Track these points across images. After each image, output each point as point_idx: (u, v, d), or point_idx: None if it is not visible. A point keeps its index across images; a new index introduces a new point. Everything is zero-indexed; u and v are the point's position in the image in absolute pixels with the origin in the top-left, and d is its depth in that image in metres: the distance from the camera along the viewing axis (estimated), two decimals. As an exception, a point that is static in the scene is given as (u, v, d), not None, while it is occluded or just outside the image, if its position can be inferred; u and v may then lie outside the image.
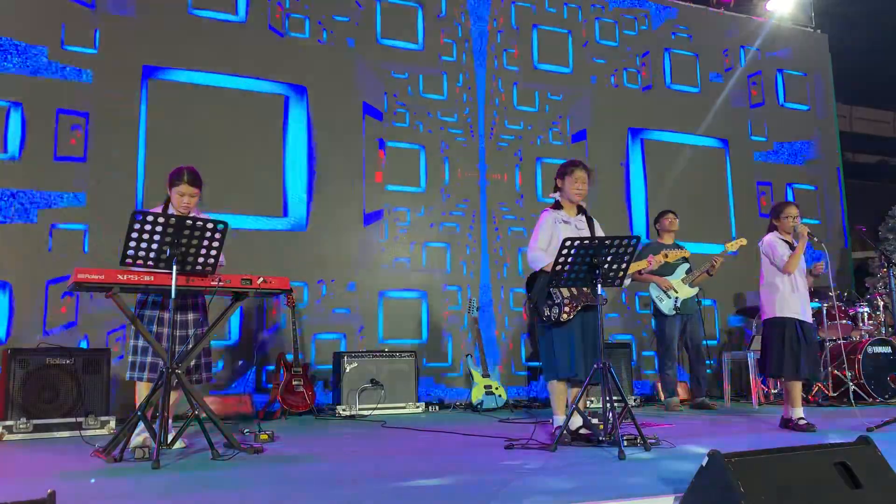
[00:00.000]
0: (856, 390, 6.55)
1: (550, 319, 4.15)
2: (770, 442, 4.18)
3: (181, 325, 4.04)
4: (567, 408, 4.13)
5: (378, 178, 7.18)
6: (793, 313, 4.87)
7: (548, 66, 8.10)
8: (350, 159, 7.10)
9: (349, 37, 7.27)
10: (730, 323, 8.38)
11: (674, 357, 6.57)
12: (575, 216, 4.38)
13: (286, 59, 6.99)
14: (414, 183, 7.36)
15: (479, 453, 3.84)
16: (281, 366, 6.11)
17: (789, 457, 2.32)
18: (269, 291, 4.19)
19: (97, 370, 5.07)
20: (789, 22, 9.51)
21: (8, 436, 4.68)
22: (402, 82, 7.43)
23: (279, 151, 6.88)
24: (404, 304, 7.11)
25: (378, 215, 7.13)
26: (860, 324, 7.08)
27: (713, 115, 8.80)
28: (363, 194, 7.10)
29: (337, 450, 4.22)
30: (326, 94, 7.09)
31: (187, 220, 3.66)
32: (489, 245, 7.52)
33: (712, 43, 8.98)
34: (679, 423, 5.27)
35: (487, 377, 6.66)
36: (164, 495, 2.85)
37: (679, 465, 3.20)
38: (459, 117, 7.62)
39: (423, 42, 7.60)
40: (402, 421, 5.66)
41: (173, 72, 6.57)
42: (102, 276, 3.69)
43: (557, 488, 2.80)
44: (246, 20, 6.90)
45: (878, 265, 9.36)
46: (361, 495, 2.78)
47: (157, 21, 6.53)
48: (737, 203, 8.78)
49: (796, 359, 4.78)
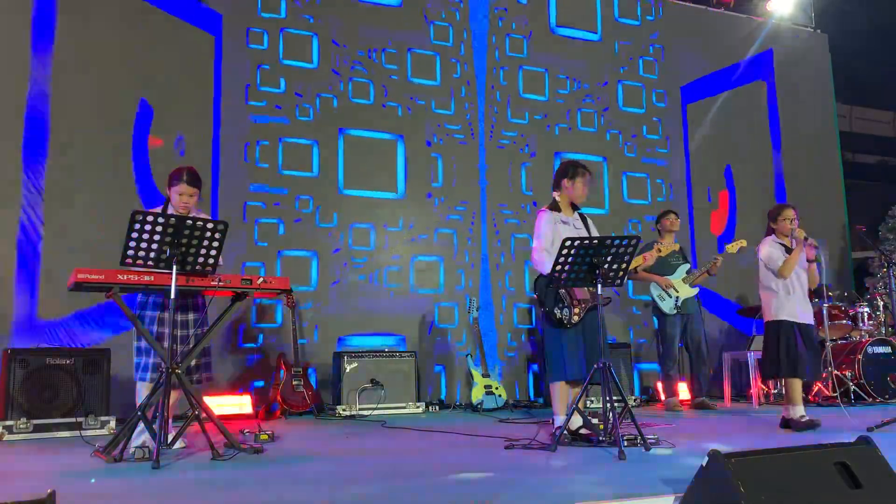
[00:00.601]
0: (856, 390, 6.56)
1: (562, 322, 4.16)
2: (770, 442, 4.18)
3: (181, 325, 4.04)
4: (568, 408, 4.14)
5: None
6: (789, 316, 4.88)
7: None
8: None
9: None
10: (731, 323, 8.38)
11: (674, 357, 6.57)
12: (571, 215, 4.41)
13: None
14: (417, 183, 7.35)
15: (479, 453, 3.84)
16: (281, 366, 6.12)
17: (789, 457, 2.32)
18: (268, 291, 4.19)
19: (97, 370, 5.06)
20: (789, 22, 9.51)
21: (8, 436, 4.68)
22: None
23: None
24: (404, 304, 7.11)
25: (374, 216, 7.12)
26: (860, 324, 7.08)
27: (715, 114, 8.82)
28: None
29: (337, 450, 4.22)
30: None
31: (187, 220, 3.66)
32: (489, 245, 7.52)
33: (713, 43, 8.98)
34: (679, 423, 5.27)
35: (487, 377, 6.66)
36: (165, 495, 2.85)
37: (679, 465, 3.20)
38: (461, 120, 7.61)
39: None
40: (402, 421, 5.66)
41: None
42: (102, 276, 3.69)
43: (557, 488, 2.80)
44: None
45: (878, 265, 9.36)
46: (362, 495, 2.78)
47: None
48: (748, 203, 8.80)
49: (793, 360, 4.79)
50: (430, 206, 7.34)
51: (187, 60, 6.68)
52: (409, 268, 7.16)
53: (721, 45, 9.04)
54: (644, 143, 8.42)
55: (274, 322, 6.62)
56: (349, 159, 7.09)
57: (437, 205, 7.37)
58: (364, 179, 7.12)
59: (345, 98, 7.16)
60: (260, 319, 6.59)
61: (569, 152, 7.77)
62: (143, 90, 6.43)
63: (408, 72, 7.46)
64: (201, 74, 6.72)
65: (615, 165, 8.20)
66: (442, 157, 7.47)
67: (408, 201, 7.27)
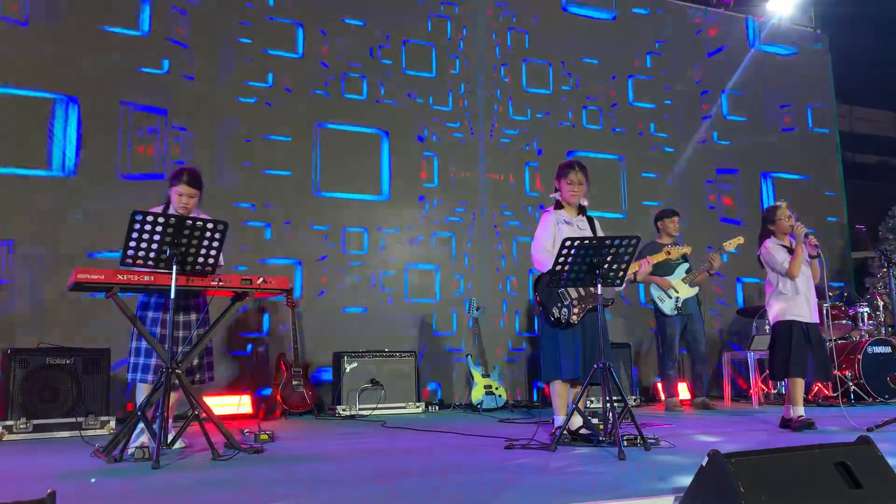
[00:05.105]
0: (856, 390, 6.56)
1: (560, 322, 4.15)
2: (770, 442, 4.18)
3: (182, 325, 4.04)
4: (568, 408, 4.14)
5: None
6: (797, 316, 4.87)
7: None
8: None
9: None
10: (731, 323, 8.38)
11: (675, 357, 6.57)
12: (576, 217, 4.39)
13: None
14: (422, 181, 7.34)
15: (479, 453, 3.84)
16: (281, 366, 6.11)
17: (789, 457, 2.32)
18: (268, 291, 4.20)
19: (97, 370, 5.06)
20: (789, 22, 9.51)
21: (8, 436, 4.68)
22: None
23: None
24: (402, 306, 7.10)
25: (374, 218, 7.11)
26: (860, 324, 7.08)
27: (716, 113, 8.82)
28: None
29: (337, 450, 4.22)
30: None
31: (187, 220, 3.66)
32: (489, 246, 7.51)
33: (714, 42, 8.98)
34: (679, 423, 5.27)
35: (487, 377, 6.66)
36: (164, 495, 2.85)
37: (679, 465, 3.20)
38: (460, 119, 7.61)
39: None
40: (402, 421, 5.66)
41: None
42: (102, 277, 3.69)
43: (557, 488, 2.80)
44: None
45: (878, 265, 9.36)
46: (362, 495, 2.78)
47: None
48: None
49: (803, 360, 4.79)
50: (420, 209, 7.31)
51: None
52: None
53: (720, 45, 9.03)
54: (652, 139, 8.45)
55: (273, 322, 6.62)
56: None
57: (434, 206, 7.38)
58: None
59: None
60: (260, 319, 6.58)
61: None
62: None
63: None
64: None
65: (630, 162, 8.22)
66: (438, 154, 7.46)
67: (396, 202, 7.24)
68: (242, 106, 6.76)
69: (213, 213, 4.05)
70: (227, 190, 6.53)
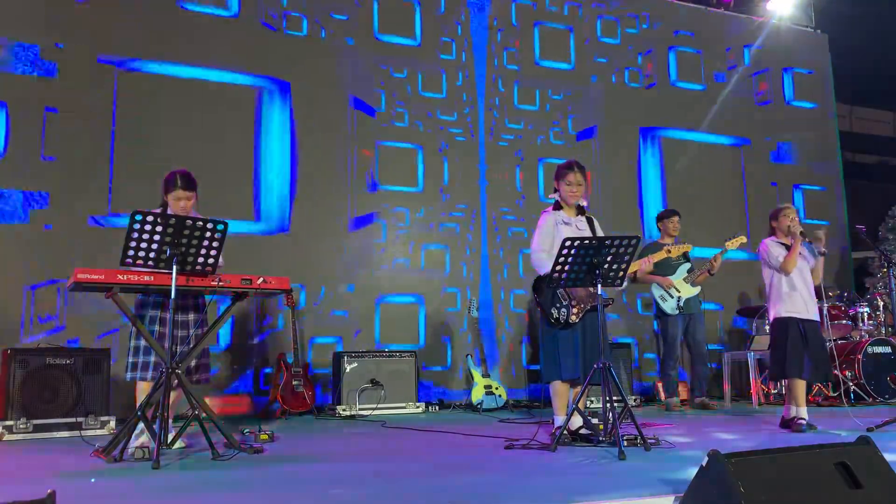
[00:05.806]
0: (856, 390, 6.56)
1: (559, 322, 4.15)
2: (770, 442, 4.18)
3: (181, 325, 4.04)
4: (568, 408, 4.14)
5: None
6: (793, 312, 4.87)
7: (549, 62, 8.10)
8: (337, 158, 7.04)
9: (348, 36, 7.27)
10: (732, 323, 8.38)
11: (676, 357, 6.57)
12: (575, 217, 4.39)
13: (271, 53, 6.92)
14: (411, 183, 7.34)
15: (480, 453, 3.84)
16: (281, 366, 6.11)
17: (789, 457, 2.32)
18: (268, 291, 4.19)
19: (97, 370, 5.06)
20: (789, 22, 9.51)
21: (8, 436, 4.68)
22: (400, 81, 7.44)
23: (253, 150, 6.79)
24: (402, 308, 7.09)
25: (369, 219, 7.08)
26: (860, 324, 7.08)
27: (718, 113, 8.81)
28: (352, 195, 7.04)
29: (337, 450, 4.22)
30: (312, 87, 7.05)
31: (187, 220, 3.66)
32: (489, 246, 7.51)
33: (714, 42, 8.98)
34: (679, 423, 5.27)
35: (487, 377, 6.66)
36: (164, 495, 2.85)
37: (679, 465, 3.20)
38: (459, 117, 7.61)
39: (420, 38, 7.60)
40: (402, 421, 5.66)
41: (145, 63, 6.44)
42: (102, 276, 3.69)
43: (557, 488, 2.80)
44: (238, 15, 6.85)
45: (878, 265, 9.36)
46: (362, 495, 2.78)
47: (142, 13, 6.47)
48: (752, 203, 8.78)
49: (800, 358, 4.77)
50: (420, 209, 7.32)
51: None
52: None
53: (720, 46, 9.03)
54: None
55: (273, 322, 6.62)
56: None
57: (434, 206, 7.37)
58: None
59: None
60: (260, 319, 6.58)
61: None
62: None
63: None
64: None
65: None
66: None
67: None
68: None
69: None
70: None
